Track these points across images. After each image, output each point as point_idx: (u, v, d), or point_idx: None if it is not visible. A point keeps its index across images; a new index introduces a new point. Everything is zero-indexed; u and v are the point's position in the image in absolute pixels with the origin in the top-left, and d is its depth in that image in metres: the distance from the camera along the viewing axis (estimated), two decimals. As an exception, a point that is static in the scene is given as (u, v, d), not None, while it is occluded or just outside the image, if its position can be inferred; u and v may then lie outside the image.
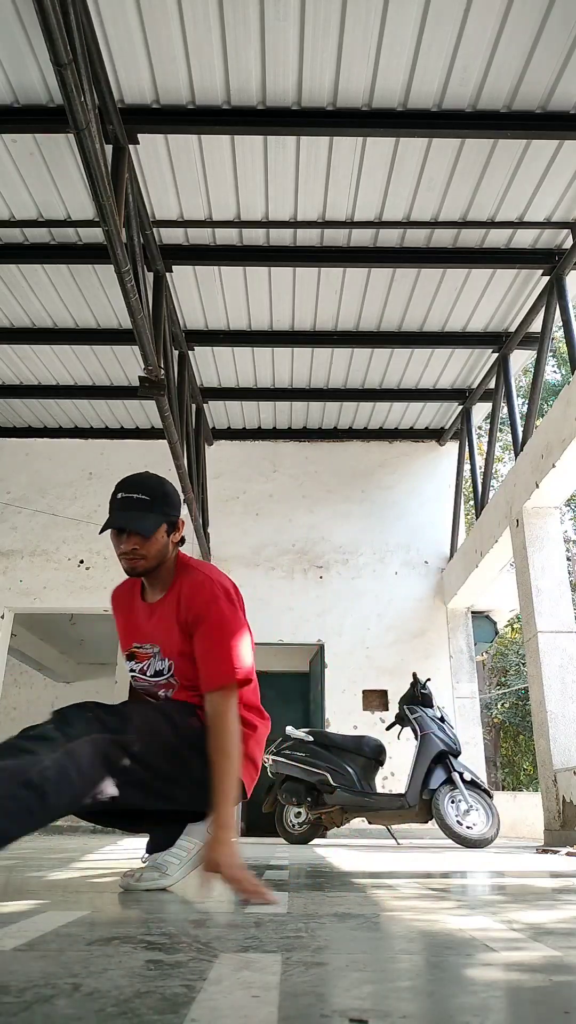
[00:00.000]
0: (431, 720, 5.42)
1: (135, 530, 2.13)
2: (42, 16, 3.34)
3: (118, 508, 2.16)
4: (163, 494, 2.21)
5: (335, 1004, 0.84)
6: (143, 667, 2.27)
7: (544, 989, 0.93)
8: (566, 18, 4.42)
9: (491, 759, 16.98)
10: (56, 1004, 0.83)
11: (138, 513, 2.14)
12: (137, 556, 2.16)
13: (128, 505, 2.15)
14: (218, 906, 1.79)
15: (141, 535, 2.14)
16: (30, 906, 1.71)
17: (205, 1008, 0.81)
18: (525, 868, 3.19)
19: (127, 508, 2.15)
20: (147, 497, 2.17)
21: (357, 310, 7.30)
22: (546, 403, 14.32)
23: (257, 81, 4.84)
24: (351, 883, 2.32)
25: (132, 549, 2.15)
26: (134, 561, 2.17)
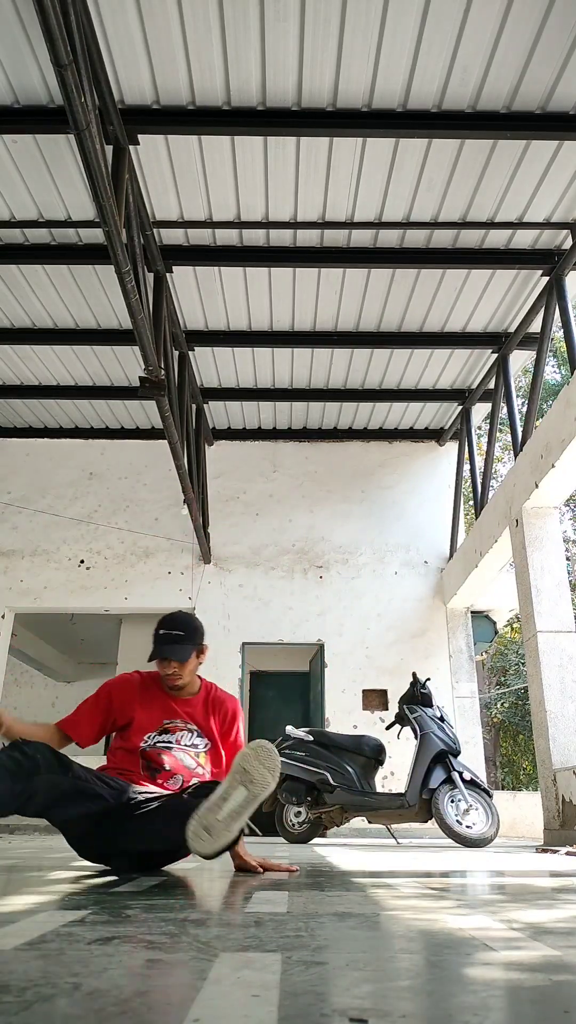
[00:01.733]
0: (431, 720, 5.41)
1: (176, 659, 2.79)
2: (42, 16, 3.35)
3: (161, 642, 2.79)
4: (193, 629, 2.86)
5: (335, 1003, 0.85)
6: (176, 737, 2.81)
7: (544, 988, 0.93)
8: (566, 18, 4.42)
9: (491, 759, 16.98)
10: (56, 1003, 0.83)
11: (178, 646, 2.79)
12: (176, 676, 2.80)
13: (168, 640, 2.80)
14: (218, 906, 1.79)
15: (180, 662, 2.80)
16: (30, 905, 1.71)
17: (205, 1008, 0.82)
18: (525, 867, 3.20)
19: (168, 642, 2.79)
20: (182, 632, 2.82)
21: (357, 310, 7.31)
22: (546, 403, 14.32)
23: (257, 82, 4.84)
24: (351, 882, 2.32)
25: (173, 671, 2.79)
26: (174, 680, 2.81)
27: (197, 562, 9.15)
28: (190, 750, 2.81)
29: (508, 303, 7.16)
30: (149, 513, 9.42)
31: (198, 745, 2.82)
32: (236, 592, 9.09)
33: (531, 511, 6.36)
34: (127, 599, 9.08)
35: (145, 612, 9.76)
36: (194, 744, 2.82)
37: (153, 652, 2.78)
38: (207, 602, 9.01)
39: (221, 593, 9.08)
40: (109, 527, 9.31)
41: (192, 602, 9.03)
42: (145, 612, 9.76)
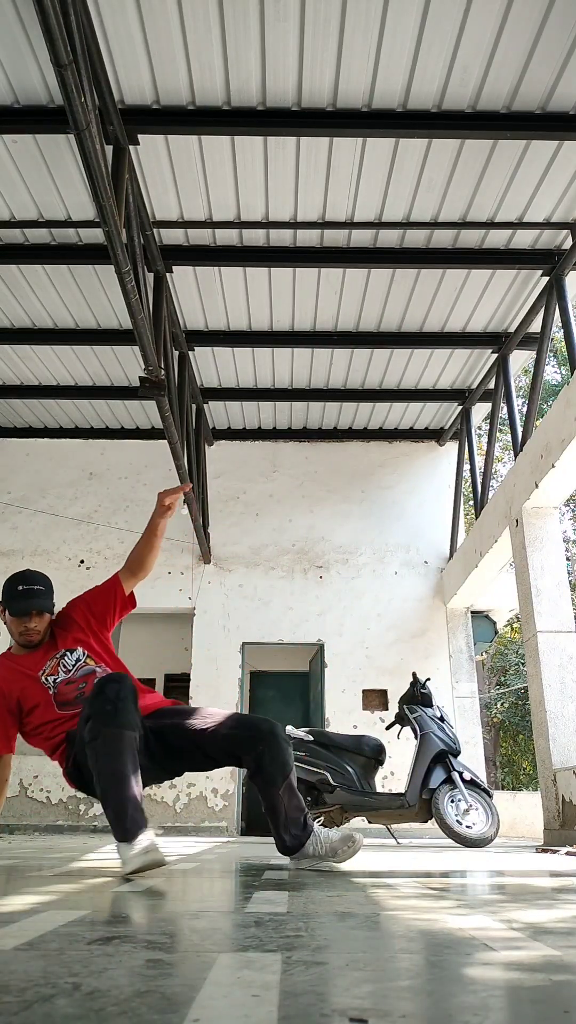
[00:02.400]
0: (431, 720, 5.41)
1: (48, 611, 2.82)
2: (42, 16, 3.35)
3: (24, 596, 2.77)
4: (49, 583, 2.89)
5: (335, 1003, 0.85)
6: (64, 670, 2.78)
7: (544, 988, 0.93)
8: (566, 18, 4.42)
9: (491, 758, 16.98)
10: (56, 1003, 0.83)
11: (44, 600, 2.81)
12: (36, 631, 2.80)
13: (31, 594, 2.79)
14: (218, 906, 1.79)
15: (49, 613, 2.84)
16: (30, 905, 1.71)
17: (205, 1008, 0.82)
18: (524, 867, 3.20)
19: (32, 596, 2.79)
20: (43, 587, 2.84)
21: (357, 310, 7.31)
22: (546, 403, 14.32)
23: (257, 82, 4.84)
24: (351, 882, 2.32)
25: (35, 625, 2.79)
26: (32, 635, 2.79)
27: (197, 562, 9.15)
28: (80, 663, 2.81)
29: (508, 303, 7.16)
30: (149, 513, 9.36)
31: (80, 658, 2.82)
32: (236, 592, 9.10)
33: (531, 511, 6.36)
34: (127, 599, 9.06)
35: (145, 612, 9.77)
36: (76, 659, 2.81)
37: (16, 607, 2.75)
38: (207, 602, 9.01)
39: (221, 593, 9.08)
40: (109, 527, 9.32)
41: (192, 602, 9.03)
42: (145, 612, 9.77)
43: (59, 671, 2.77)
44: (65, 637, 2.87)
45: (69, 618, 2.95)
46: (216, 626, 8.93)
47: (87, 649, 2.86)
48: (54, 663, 2.79)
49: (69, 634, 2.88)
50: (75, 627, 2.92)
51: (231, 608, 9.01)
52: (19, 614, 2.76)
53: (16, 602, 2.77)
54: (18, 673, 2.78)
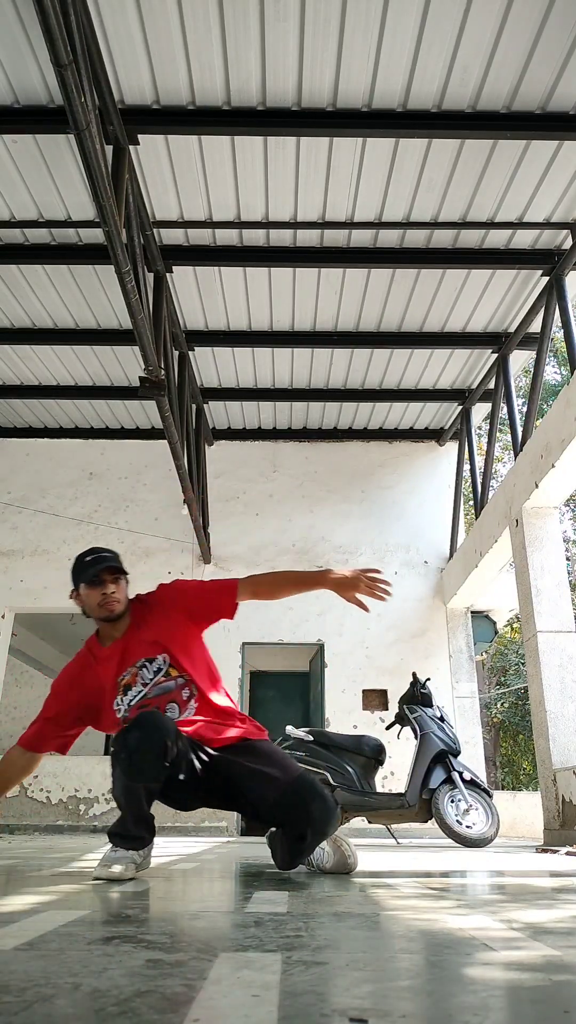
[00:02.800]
0: (431, 720, 5.42)
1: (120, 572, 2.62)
2: (42, 16, 3.35)
3: (92, 564, 2.61)
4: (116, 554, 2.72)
5: (335, 1003, 0.85)
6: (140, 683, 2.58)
7: (544, 988, 0.93)
8: (566, 18, 4.42)
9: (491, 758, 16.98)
10: (56, 1003, 0.83)
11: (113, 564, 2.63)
12: (115, 599, 2.60)
13: (99, 561, 2.63)
14: (218, 906, 1.79)
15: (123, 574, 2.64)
16: (30, 905, 1.71)
17: (205, 1008, 0.82)
18: (524, 867, 3.20)
19: (100, 563, 2.62)
20: (110, 554, 2.68)
21: (357, 310, 7.31)
22: (546, 403, 14.32)
23: (257, 82, 4.84)
24: (351, 882, 2.32)
25: (112, 592, 2.59)
26: (112, 603, 2.60)
27: (197, 562, 9.15)
28: (159, 678, 2.59)
29: (508, 303, 7.16)
30: (149, 513, 9.42)
31: (161, 667, 2.60)
32: (236, 592, 9.08)
33: (531, 511, 6.36)
34: (127, 599, 9.06)
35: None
36: (157, 670, 2.60)
37: (87, 574, 2.58)
38: (207, 602, 9.00)
39: (221, 593, 9.06)
40: (109, 527, 9.31)
41: (192, 602, 9.01)
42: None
43: (136, 682, 2.57)
44: (147, 631, 2.63)
45: (158, 605, 2.69)
46: (216, 626, 8.84)
47: (169, 656, 2.62)
48: (133, 673, 2.57)
49: (151, 629, 2.63)
50: (161, 621, 2.66)
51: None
52: (92, 580, 2.57)
53: (86, 570, 2.60)
54: (95, 680, 2.62)
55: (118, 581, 2.61)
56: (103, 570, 2.58)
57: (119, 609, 2.60)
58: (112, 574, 2.60)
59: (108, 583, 2.58)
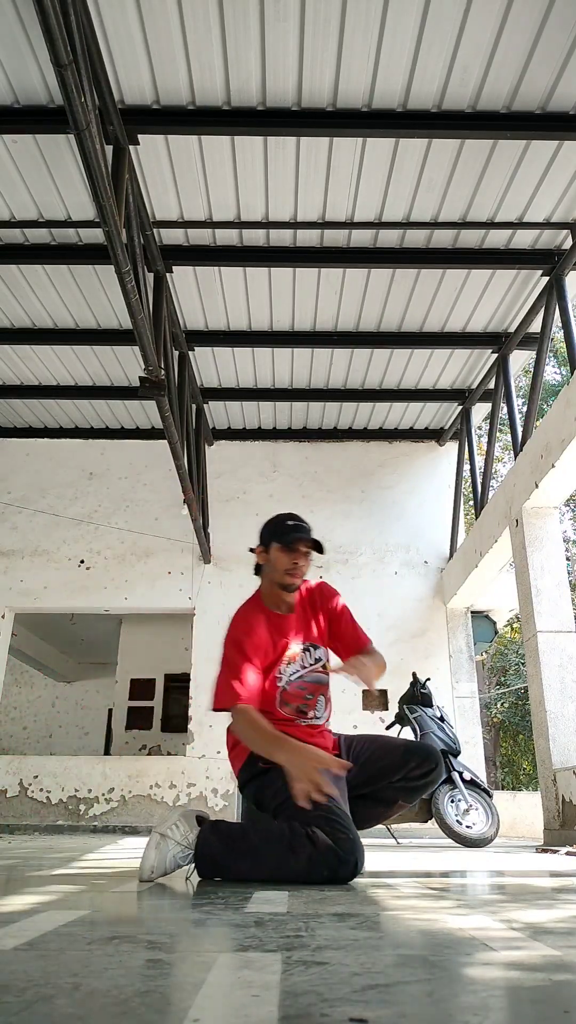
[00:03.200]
0: (431, 720, 5.41)
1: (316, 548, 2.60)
2: (42, 16, 3.35)
3: (295, 531, 2.58)
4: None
5: (335, 1003, 0.85)
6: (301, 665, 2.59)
7: (544, 988, 0.93)
8: (566, 18, 4.42)
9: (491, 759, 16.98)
10: (56, 1003, 0.83)
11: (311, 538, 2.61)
12: (303, 569, 2.62)
13: (302, 529, 2.60)
14: (218, 906, 1.79)
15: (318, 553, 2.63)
16: (30, 905, 1.71)
17: (205, 1008, 0.82)
18: (524, 867, 3.20)
19: (302, 531, 2.59)
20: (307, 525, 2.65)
21: (357, 310, 7.31)
22: (546, 403, 14.32)
23: (257, 82, 4.84)
24: (351, 882, 2.32)
25: (303, 564, 2.61)
26: (298, 574, 2.62)
27: (197, 562, 9.15)
28: (317, 667, 2.63)
29: (508, 303, 7.16)
30: (149, 513, 9.42)
31: (320, 659, 2.64)
32: (236, 592, 9.06)
33: (531, 511, 6.36)
34: (127, 599, 9.08)
35: (145, 612, 9.78)
36: (317, 659, 2.63)
37: (289, 538, 2.55)
38: (207, 602, 9.01)
39: (221, 593, 9.07)
40: (109, 527, 9.32)
41: (192, 602, 9.03)
42: (145, 612, 9.78)
43: (297, 660, 2.57)
44: (315, 620, 2.65)
45: (321, 604, 2.71)
46: (216, 626, 8.92)
47: (325, 653, 2.66)
48: (298, 650, 2.58)
49: (318, 620, 2.66)
50: (323, 618, 2.68)
51: (231, 608, 8.82)
52: (290, 545, 2.56)
53: (288, 533, 2.57)
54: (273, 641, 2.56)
55: (308, 556, 2.62)
56: (303, 540, 2.58)
57: (298, 582, 2.63)
58: (308, 547, 2.59)
59: (302, 554, 2.58)
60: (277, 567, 2.60)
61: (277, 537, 2.61)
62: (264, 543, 2.66)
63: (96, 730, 15.37)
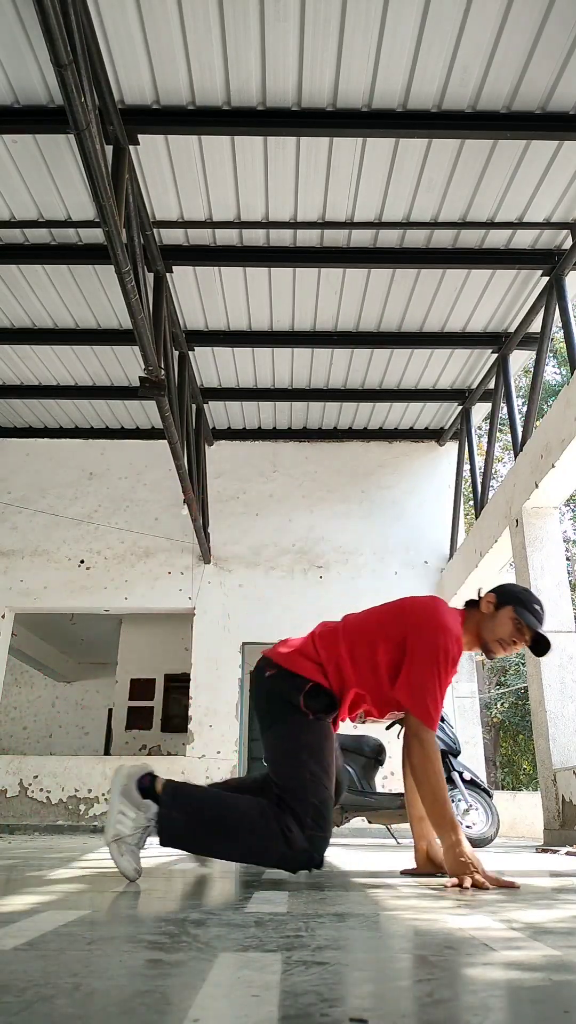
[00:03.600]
0: (431, 720, 5.40)
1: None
2: (42, 16, 3.35)
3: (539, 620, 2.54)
4: None
5: (335, 1003, 0.85)
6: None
7: (544, 988, 0.93)
8: (566, 18, 4.42)
9: (491, 759, 16.99)
10: (56, 1003, 0.83)
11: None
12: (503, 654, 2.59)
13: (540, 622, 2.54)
14: (218, 906, 1.79)
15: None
16: (30, 905, 1.71)
17: (205, 1008, 0.82)
18: (524, 867, 3.20)
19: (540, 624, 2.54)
20: None
21: (357, 310, 7.31)
22: (546, 403, 14.32)
23: (257, 82, 4.84)
24: (351, 883, 2.32)
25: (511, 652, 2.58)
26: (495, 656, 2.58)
27: (197, 562, 9.15)
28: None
29: (508, 303, 7.16)
30: (149, 513, 9.42)
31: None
32: (236, 592, 9.09)
33: (531, 511, 6.36)
34: (127, 599, 9.08)
35: (145, 612, 9.77)
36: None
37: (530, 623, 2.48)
38: (207, 602, 9.01)
39: (221, 593, 9.08)
40: (109, 527, 9.32)
41: (192, 602, 9.03)
42: (145, 612, 9.77)
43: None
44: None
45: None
46: (216, 626, 8.93)
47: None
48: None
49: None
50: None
51: (231, 608, 9.01)
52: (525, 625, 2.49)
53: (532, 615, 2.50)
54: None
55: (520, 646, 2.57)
56: (537, 632, 2.50)
57: (494, 657, 2.60)
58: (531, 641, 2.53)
59: (523, 641, 2.53)
60: (496, 630, 2.52)
61: (520, 606, 2.51)
62: (501, 599, 2.55)
63: (96, 730, 15.37)
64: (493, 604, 2.55)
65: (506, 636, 2.50)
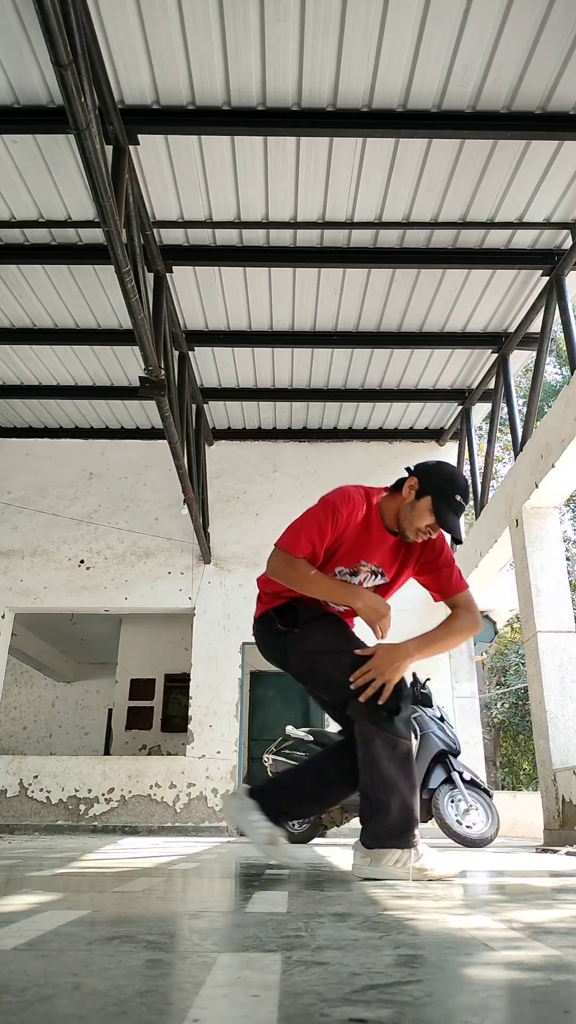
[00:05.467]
0: (431, 720, 5.41)
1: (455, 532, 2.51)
2: (42, 16, 3.35)
3: (457, 514, 2.50)
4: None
5: (335, 1003, 0.85)
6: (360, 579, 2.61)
7: (544, 988, 0.93)
8: (566, 18, 4.42)
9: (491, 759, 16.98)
10: (56, 1003, 0.83)
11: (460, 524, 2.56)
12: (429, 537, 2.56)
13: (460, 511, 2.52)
14: (218, 906, 1.79)
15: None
16: (30, 905, 1.71)
17: (205, 1008, 0.82)
18: (524, 867, 3.20)
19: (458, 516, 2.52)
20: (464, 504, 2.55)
21: (357, 310, 7.31)
22: (546, 403, 14.32)
23: (257, 82, 4.84)
24: (351, 883, 2.32)
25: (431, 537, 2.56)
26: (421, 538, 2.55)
27: (197, 562, 9.15)
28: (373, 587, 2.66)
29: (508, 303, 7.16)
30: (149, 513, 9.42)
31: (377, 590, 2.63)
32: (236, 592, 9.09)
33: (531, 511, 6.36)
34: (127, 599, 9.08)
35: (145, 612, 9.77)
36: (375, 588, 2.63)
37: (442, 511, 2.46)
38: (207, 602, 9.01)
39: (221, 593, 9.08)
40: (109, 527, 9.32)
41: (192, 602, 9.03)
42: (145, 612, 9.77)
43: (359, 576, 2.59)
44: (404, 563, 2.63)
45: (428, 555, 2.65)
46: (216, 626, 8.93)
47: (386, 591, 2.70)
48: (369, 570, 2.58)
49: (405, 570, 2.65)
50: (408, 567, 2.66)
51: (231, 608, 9.01)
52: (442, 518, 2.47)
53: (450, 509, 2.47)
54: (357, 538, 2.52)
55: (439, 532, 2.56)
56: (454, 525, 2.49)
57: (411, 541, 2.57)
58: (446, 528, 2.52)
59: (438, 531, 2.53)
60: (413, 518, 2.50)
61: (439, 498, 2.48)
62: (423, 488, 2.51)
63: (96, 730, 15.37)
64: (414, 491, 2.52)
65: (422, 527, 2.50)
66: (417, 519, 2.49)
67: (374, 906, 1.74)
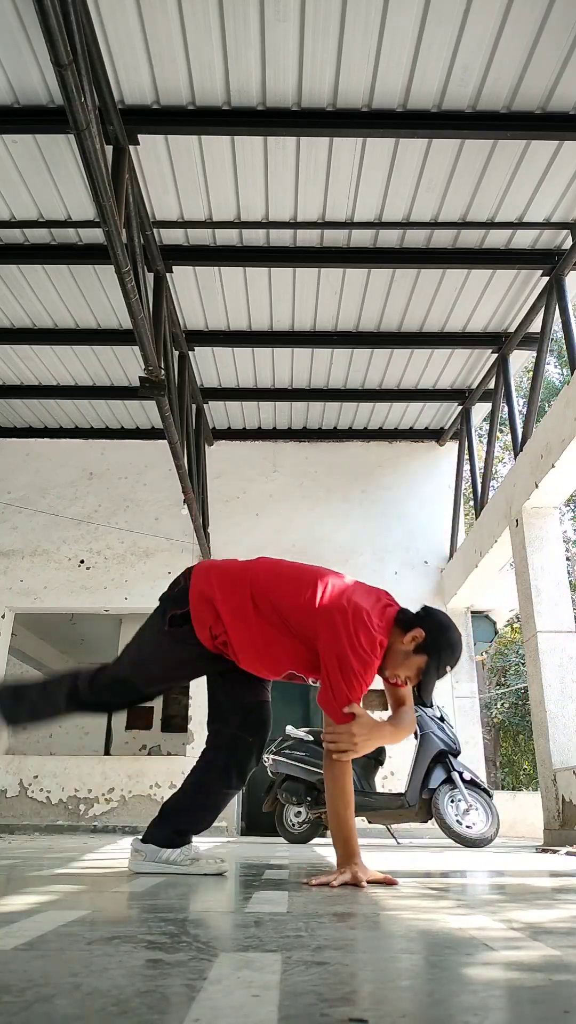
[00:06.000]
0: (431, 720, 5.41)
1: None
2: (42, 16, 3.34)
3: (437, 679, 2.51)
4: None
5: (335, 1003, 0.85)
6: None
7: (544, 988, 0.93)
8: (566, 18, 4.42)
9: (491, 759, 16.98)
10: (56, 1003, 0.83)
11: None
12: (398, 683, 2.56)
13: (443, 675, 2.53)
14: (218, 906, 1.79)
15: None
16: (30, 905, 1.71)
17: (205, 1008, 0.82)
18: (524, 867, 3.20)
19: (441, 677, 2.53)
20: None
21: (357, 310, 7.31)
22: (546, 403, 14.32)
23: (257, 82, 4.84)
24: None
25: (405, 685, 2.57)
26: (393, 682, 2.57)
27: (197, 562, 9.14)
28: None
29: (508, 303, 7.16)
30: (149, 513, 9.42)
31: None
32: (236, 592, 9.07)
33: (531, 511, 6.36)
34: (127, 599, 9.08)
35: (145, 612, 9.75)
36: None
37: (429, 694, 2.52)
38: (207, 602, 9.00)
39: (221, 593, 9.06)
40: (109, 527, 9.32)
41: (192, 602, 9.01)
42: (145, 612, 9.75)
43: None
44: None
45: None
46: (216, 626, 8.91)
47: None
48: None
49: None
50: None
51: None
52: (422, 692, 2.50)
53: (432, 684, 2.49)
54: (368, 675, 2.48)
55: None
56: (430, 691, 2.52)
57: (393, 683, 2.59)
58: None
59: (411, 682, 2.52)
60: (401, 665, 2.46)
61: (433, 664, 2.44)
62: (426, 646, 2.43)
63: (96, 730, 15.35)
64: (416, 643, 2.43)
65: (403, 676, 2.48)
66: (404, 669, 2.47)
67: (374, 906, 1.74)
